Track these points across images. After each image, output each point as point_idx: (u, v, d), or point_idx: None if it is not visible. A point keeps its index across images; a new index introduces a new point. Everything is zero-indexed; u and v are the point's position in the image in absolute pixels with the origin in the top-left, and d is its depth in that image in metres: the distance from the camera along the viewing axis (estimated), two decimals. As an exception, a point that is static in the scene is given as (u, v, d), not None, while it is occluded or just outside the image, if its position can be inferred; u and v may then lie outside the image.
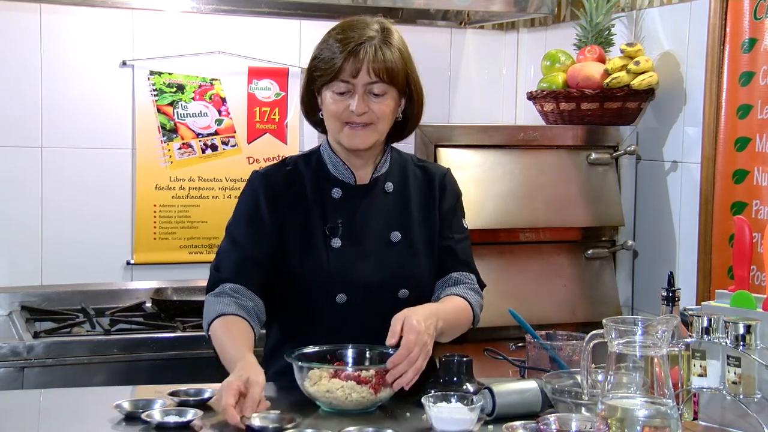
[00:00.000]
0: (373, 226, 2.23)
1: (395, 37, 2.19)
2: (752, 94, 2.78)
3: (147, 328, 3.07)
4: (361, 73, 2.12)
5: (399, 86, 2.17)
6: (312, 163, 2.27)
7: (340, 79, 2.14)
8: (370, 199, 2.25)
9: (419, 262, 2.24)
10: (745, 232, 2.11)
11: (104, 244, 3.42)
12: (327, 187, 2.24)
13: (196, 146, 3.49)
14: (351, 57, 2.13)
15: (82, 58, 3.38)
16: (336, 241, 2.19)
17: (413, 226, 2.25)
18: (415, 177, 2.30)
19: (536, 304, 2.98)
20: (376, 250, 2.21)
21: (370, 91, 2.14)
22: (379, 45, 2.14)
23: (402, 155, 2.33)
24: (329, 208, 2.22)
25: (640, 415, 1.69)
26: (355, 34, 2.15)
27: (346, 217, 2.22)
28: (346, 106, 2.15)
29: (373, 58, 2.12)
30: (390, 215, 2.24)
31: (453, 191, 2.34)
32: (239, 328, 2.10)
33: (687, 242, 3.02)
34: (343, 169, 2.24)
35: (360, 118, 2.15)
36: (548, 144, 3.12)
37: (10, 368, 2.77)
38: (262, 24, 3.57)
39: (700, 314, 1.93)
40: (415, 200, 2.28)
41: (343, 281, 2.17)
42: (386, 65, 2.13)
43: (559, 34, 3.59)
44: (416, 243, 2.24)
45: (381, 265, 2.20)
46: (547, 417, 1.73)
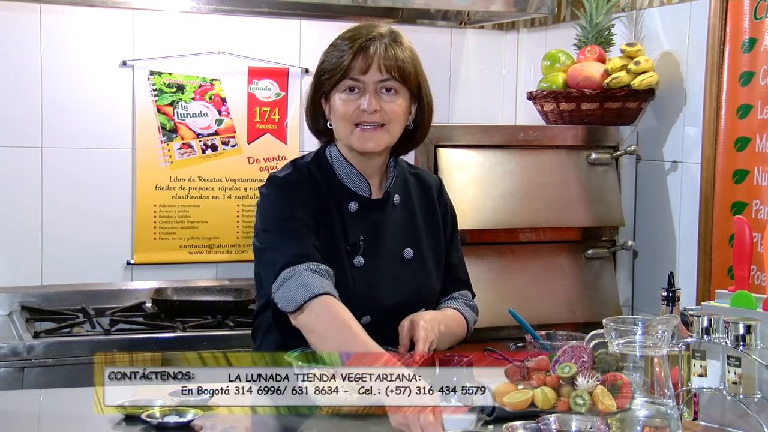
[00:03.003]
0: (387, 243, 2.19)
1: (405, 39, 2.16)
2: (752, 94, 2.78)
3: (147, 328, 3.07)
4: (372, 69, 2.08)
5: (411, 86, 2.13)
6: (323, 172, 2.19)
7: (349, 77, 2.09)
8: (383, 213, 2.20)
9: (431, 280, 2.25)
10: (745, 232, 2.11)
11: (104, 244, 3.42)
12: (343, 200, 2.16)
13: (196, 146, 3.49)
14: (360, 53, 2.08)
15: (82, 58, 3.38)
16: (359, 259, 2.14)
17: (422, 241, 2.24)
18: (414, 187, 2.28)
19: (536, 304, 2.98)
20: (392, 268, 2.18)
21: (381, 89, 2.10)
22: (389, 43, 2.10)
23: (399, 163, 2.28)
24: (348, 223, 2.15)
25: (640, 415, 1.69)
26: (363, 31, 2.11)
27: (365, 233, 2.16)
28: (357, 106, 2.09)
29: (384, 54, 2.08)
30: (400, 230, 2.21)
31: (452, 207, 2.34)
32: (348, 314, 1.99)
33: (687, 242, 3.02)
34: (358, 180, 2.17)
35: (372, 117, 2.09)
36: (548, 144, 3.12)
37: (10, 368, 2.77)
38: (262, 24, 3.57)
39: (700, 314, 1.93)
40: (419, 213, 2.26)
41: (368, 303, 2.11)
42: (397, 63, 2.09)
43: (559, 34, 3.59)
44: (427, 260, 2.24)
45: (400, 286, 2.18)
46: (547, 417, 1.73)
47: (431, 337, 2.05)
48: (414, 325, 2.07)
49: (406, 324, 2.08)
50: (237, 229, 3.55)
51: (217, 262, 3.55)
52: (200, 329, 3.05)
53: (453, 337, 2.21)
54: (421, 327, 2.05)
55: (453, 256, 2.31)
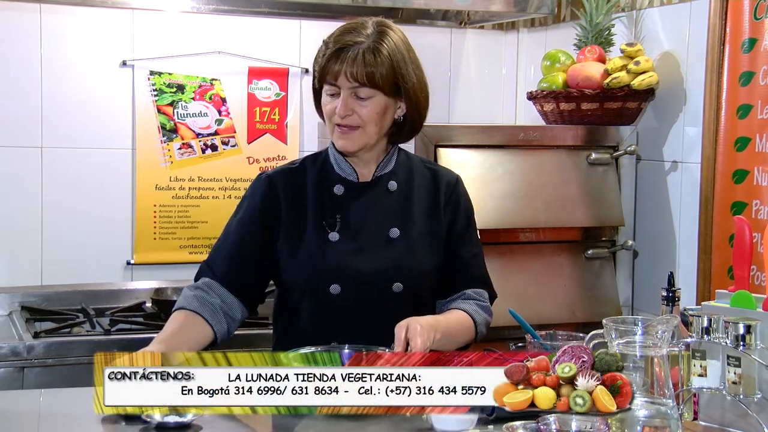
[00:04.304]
0: (372, 223, 2.25)
1: (390, 39, 2.18)
2: (752, 94, 2.78)
3: (147, 328, 3.07)
4: (341, 77, 2.15)
5: (386, 90, 2.17)
6: (319, 162, 2.30)
7: (326, 81, 2.19)
8: (372, 196, 2.27)
9: (416, 258, 2.25)
10: (745, 232, 2.11)
11: (104, 244, 3.42)
12: (330, 184, 2.26)
13: (196, 146, 3.49)
14: (332, 59, 2.16)
15: (82, 58, 3.38)
16: (333, 235, 2.22)
17: (414, 224, 2.27)
18: (423, 178, 2.32)
19: (536, 304, 2.98)
20: (374, 245, 2.23)
21: (356, 94, 2.16)
22: (364, 50, 2.14)
23: (411, 157, 2.36)
24: (329, 204, 2.25)
25: (640, 415, 1.69)
26: (345, 38, 2.17)
27: (346, 213, 2.24)
28: (334, 108, 2.18)
29: (352, 62, 2.14)
30: (391, 213, 2.26)
31: (467, 202, 2.37)
32: (182, 323, 2.17)
33: (687, 242, 3.02)
34: (346, 167, 2.27)
35: (345, 120, 2.17)
36: (548, 144, 3.12)
37: (10, 368, 2.77)
38: (262, 24, 3.57)
39: (700, 314, 1.93)
40: (420, 200, 2.29)
41: (338, 273, 2.20)
42: (366, 70, 2.14)
43: (559, 34, 3.59)
44: (414, 240, 2.26)
45: (376, 259, 2.22)
46: (547, 417, 1.73)
47: (427, 345, 2.05)
48: (410, 330, 2.06)
49: (403, 331, 2.06)
50: (237, 229, 3.55)
51: (217, 262, 3.55)
52: (200, 329, 3.04)
53: (454, 343, 2.21)
54: (418, 333, 2.05)
55: (465, 249, 2.33)
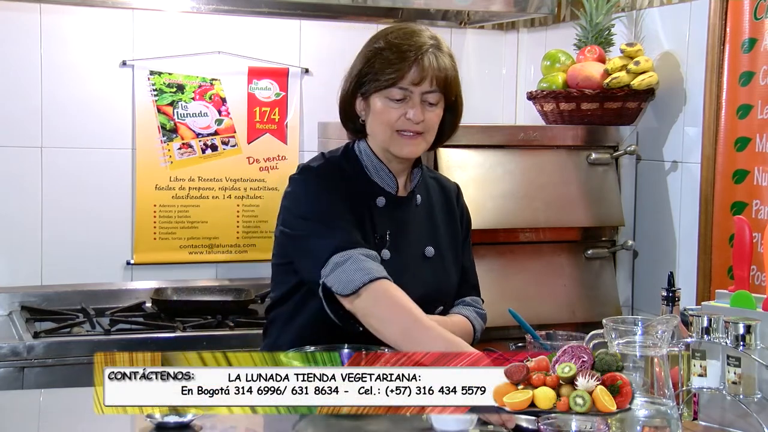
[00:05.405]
0: (410, 239, 2.22)
1: (444, 43, 2.19)
2: (752, 94, 2.78)
3: (147, 328, 3.07)
4: (425, 82, 2.11)
5: (449, 96, 2.17)
6: (350, 166, 2.21)
7: (398, 86, 2.12)
8: (407, 211, 2.23)
9: (450, 279, 2.27)
10: (745, 232, 2.11)
11: (104, 244, 3.42)
12: (371, 194, 2.19)
13: (196, 146, 3.49)
14: (416, 65, 2.11)
15: (82, 58, 3.38)
16: (386, 252, 2.16)
17: (442, 240, 2.27)
18: (434, 189, 2.32)
19: (536, 304, 2.98)
20: (414, 264, 2.21)
21: (425, 100, 2.13)
22: (436, 52, 2.13)
23: (421, 167, 2.31)
24: (376, 217, 2.18)
25: (640, 415, 1.69)
26: (413, 41, 2.13)
27: (391, 228, 2.19)
28: (402, 114, 2.12)
29: (436, 66, 2.12)
30: (422, 229, 2.25)
31: (468, 212, 2.38)
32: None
33: (687, 242, 3.02)
34: (387, 177, 2.20)
35: (415, 126, 2.13)
36: (548, 144, 3.12)
37: (10, 368, 2.77)
38: (262, 24, 3.57)
39: (700, 314, 1.93)
40: (439, 214, 2.29)
41: None
42: (446, 74, 2.13)
43: (559, 34, 3.59)
44: (446, 259, 2.27)
45: (421, 281, 2.19)
46: (547, 417, 1.73)
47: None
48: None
49: None
50: (237, 229, 3.55)
51: (216, 262, 3.55)
52: (200, 329, 3.05)
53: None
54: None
55: (467, 258, 2.35)
